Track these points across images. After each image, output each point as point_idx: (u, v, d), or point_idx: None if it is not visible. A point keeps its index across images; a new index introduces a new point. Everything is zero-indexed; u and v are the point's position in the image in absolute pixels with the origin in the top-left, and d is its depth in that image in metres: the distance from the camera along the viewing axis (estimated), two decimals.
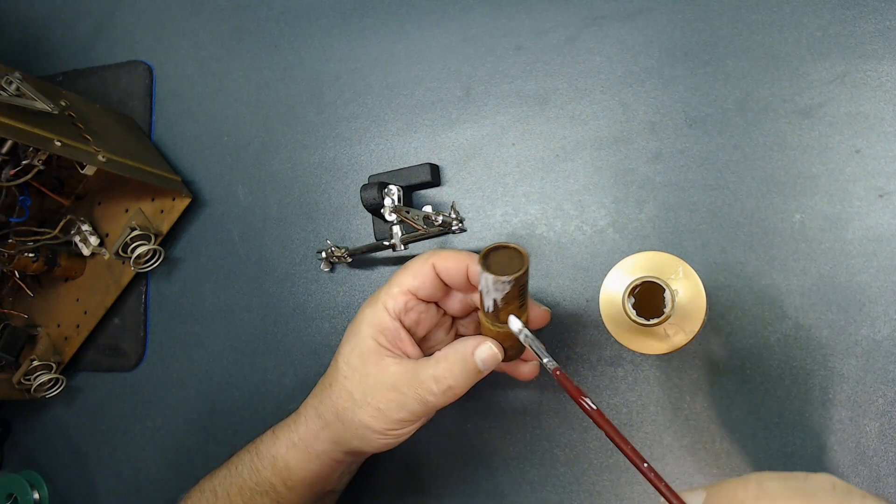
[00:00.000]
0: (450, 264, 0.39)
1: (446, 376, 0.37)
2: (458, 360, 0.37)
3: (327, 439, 0.41)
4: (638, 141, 0.49)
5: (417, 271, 0.39)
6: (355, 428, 0.40)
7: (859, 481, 0.42)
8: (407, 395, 0.38)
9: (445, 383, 0.37)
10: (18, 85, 0.49)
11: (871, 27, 0.46)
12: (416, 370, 0.38)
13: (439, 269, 0.39)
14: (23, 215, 0.56)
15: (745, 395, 0.45)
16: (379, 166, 0.56)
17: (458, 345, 0.38)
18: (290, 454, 0.42)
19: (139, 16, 0.66)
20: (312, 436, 0.42)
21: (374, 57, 0.57)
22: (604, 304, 0.47)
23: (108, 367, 0.61)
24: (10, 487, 0.61)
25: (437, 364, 0.38)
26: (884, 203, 0.44)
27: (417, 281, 0.39)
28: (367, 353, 0.39)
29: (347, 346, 0.40)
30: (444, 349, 0.38)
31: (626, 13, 0.51)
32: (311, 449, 0.42)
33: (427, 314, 0.41)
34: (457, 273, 0.39)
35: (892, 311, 0.43)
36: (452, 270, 0.39)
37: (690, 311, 0.44)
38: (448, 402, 0.38)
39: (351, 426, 0.40)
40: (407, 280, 0.39)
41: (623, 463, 0.47)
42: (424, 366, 0.38)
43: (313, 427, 0.42)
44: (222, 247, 0.59)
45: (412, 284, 0.39)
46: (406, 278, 0.39)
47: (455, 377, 0.37)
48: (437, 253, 0.39)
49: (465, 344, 0.38)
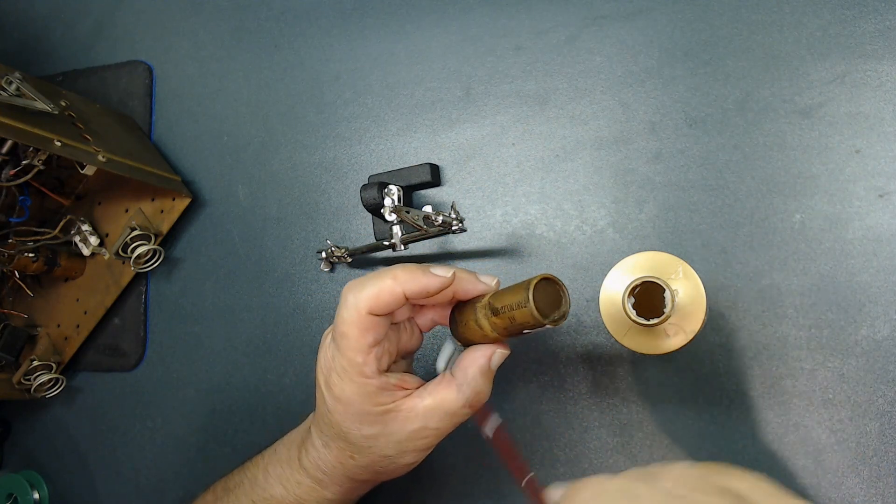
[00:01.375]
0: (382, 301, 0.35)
1: (481, 399, 0.37)
2: (483, 379, 0.37)
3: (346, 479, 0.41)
4: (638, 141, 0.49)
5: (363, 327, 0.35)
6: (389, 474, 0.40)
7: (859, 481, 0.42)
8: (435, 426, 0.37)
9: (478, 405, 0.37)
10: (18, 85, 0.49)
11: (871, 27, 0.46)
12: (444, 404, 0.37)
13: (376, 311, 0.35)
14: (23, 215, 0.56)
15: (745, 395, 0.45)
16: (379, 166, 0.56)
17: (472, 363, 0.37)
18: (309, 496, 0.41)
19: (139, 16, 0.66)
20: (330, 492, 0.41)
21: (374, 57, 0.57)
22: (604, 304, 0.47)
23: (108, 367, 0.61)
24: (10, 487, 0.61)
25: (465, 388, 0.37)
26: (884, 203, 0.44)
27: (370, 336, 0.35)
28: (376, 417, 0.37)
29: (350, 420, 0.37)
30: (460, 372, 0.37)
31: (626, 13, 0.51)
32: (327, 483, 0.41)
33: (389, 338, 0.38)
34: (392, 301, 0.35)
35: (892, 311, 0.43)
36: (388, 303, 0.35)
37: (690, 311, 0.44)
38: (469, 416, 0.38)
39: (385, 475, 0.40)
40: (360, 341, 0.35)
41: (623, 462, 0.47)
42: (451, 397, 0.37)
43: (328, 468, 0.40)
44: (222, 247, 0.59)
45: (368, 342, 0.35)
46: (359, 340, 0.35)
47: (484, 395, 0.38)
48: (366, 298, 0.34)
49: (477, 361, 0.37)
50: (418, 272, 0.35)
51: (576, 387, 0.48)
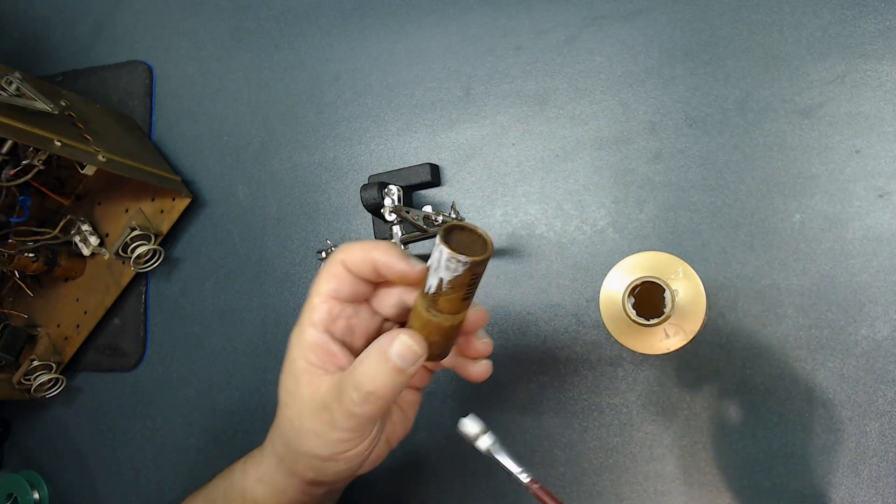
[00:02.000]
0: (356, 256, 0.35)
1: (364, 381, 0.33)
2: (375, 360, 0.33)
3: (286, 473, 0.38)
4: (638, 141, 0.49)
5: (330, 273, 0.36)
6: (304, 458, 0.36)
7: (859, 481, 0.42)
8: (335, 411, 0.34)
9: (365, 389, 0.33)
10: (18, 85, 0.49)
11: (871, 27, 0.46)
12: (340, 382, 0.34)
13: (349, 264, 0.35)
14: (23, 215, 0.56)
15: (745, 395, 0.45)
16: (379, 166, 0.56)
17: (376, 342, 0.34)
18: (258, 489, 0.40)
19: (139, 16, 0.66)
20: (273, 470, 0.39)
21: (374, 57, 0.57)
22: (604, 304, 0.47)
23: (108, 367, 0.61)
24: (10, 487, 0.61)
25: (355, 370, 0.33)
26: (884, 203, 0.44)
27: (332, 283, 0.35)
28: (298, 376, 0.36)
29: (283, 374, 0.37)
30: (365, 350, 0.34)
31: (626, 13, 0.51)
32: (275, 484, 0.39)
33: (358, 318, 0.37)
34: (364, 265, 0.35)
35: (892, 311, 0.43)
36: (360, 262, 0.35)
37: (690, 311, 0.44)
38: (379, 411, 0.34)
39: (300, 457, 0.37)
40: (321, 286, 0.36)
41: (623, 462, 0.47)
42: (346, 375, 0.34)
43: (273, 461, 0.39)
44: (222, 247, 0.59)
45: (328, 288, 0.35)
46: (321, 284, 0.36)
47: (374, 381, 0.33)
48: (344, 248, 0.35)
49: (381, 340, 0.34)
50: (394, 251, 0.35)
51: (576, 387, 0.48)
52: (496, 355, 0.50)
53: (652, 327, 0.44)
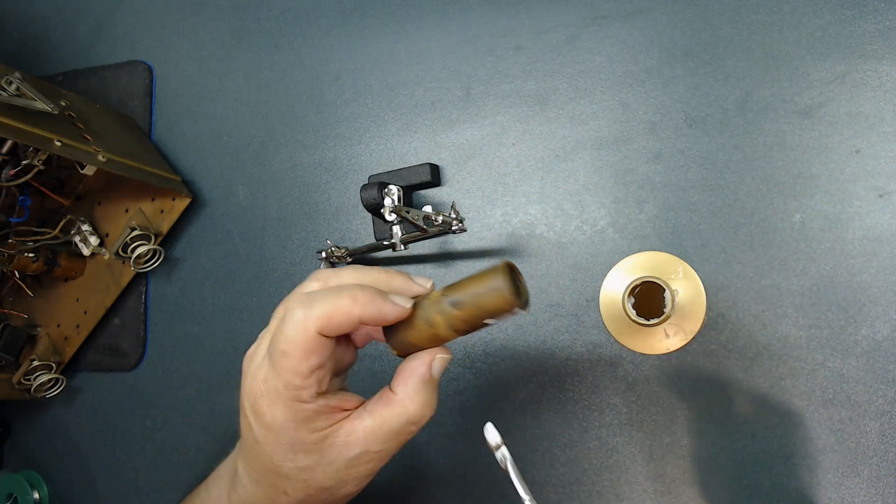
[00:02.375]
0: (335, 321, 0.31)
1: (425, 412, 0.33)
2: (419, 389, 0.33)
3: None
4: (638, 141, 0.49)
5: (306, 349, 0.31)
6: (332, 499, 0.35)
7: (859, 481, 0.42)
8: (377, 449, 0.33)
9: (426, 418, 0.33)
10: (18, 85, 0.49)
11: (871, 27, 0.46)
12: (374, 428, 0.33)
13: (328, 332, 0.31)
14: (23, 215, 0.56)
15: (745, 395, 0.45)
16: (379, 166, 0.56)
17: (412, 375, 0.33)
18: None
19: (139, 16, 0.66)
20: None
21: (374, 57, 0.57)
22: (604, 304, 0.47)
23: (108, 367, 0.61)
24: (10, 487, 0.61)
25: (406, 405, 0.33)
26: (884, 203, 0.44)
27: (314, 359, 0.31)
28: (312, 445, 0.33)
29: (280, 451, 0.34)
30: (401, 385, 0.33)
31: (626, 13, 0.51)
32: None
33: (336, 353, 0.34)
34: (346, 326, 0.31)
35: (892, 311, 0.43)
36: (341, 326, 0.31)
37: (690, 311, 0.44)
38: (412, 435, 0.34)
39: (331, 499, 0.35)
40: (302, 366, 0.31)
41: (623, 462, 0.47)
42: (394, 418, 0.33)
43: None
44: (222, 247, 0.59)
45: (309, 366, 0.31)
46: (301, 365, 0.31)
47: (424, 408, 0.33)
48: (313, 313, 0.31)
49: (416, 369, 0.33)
50: (378, 298, 0.31)
51: (576, 387, 0.48)
52: (497, 355, 0.51)
53: (652, 327, 0.44)
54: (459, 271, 0.52)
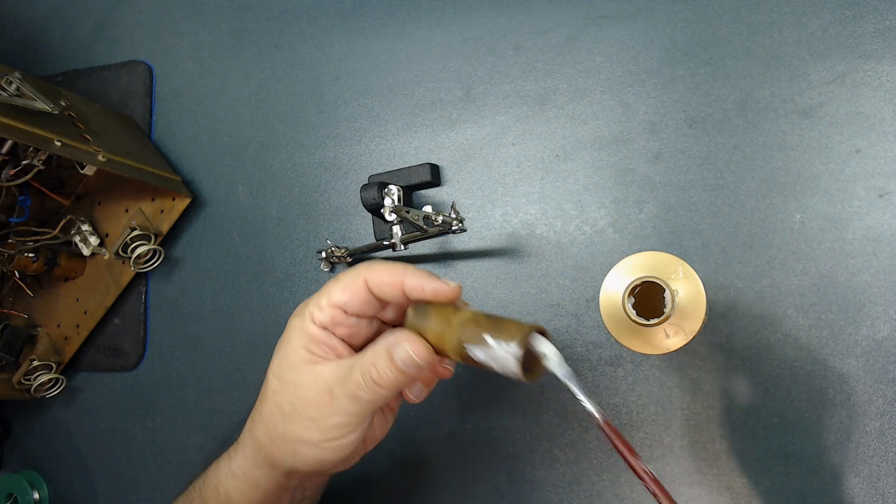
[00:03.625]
0: (384, 279, 0.36)
1: (369, 369, 0.35)
2: (383, 356, 0.35)
3: (263, 463, 0.38)
4: (638, 141, 0.49)
5: (348, 285, 0.36)
6: (286, 444, 0.37)
7: (859, 481, 0.42)
8: (339, 395, 0.35)
9: (370, 376, 0.34)
10: (18, 85, 0.49)
11: (871, 27, 0.46)
12: (349, 366, 0.35)
13: (372, 284, 0.36)
14: (23, 215, 0.56)
15: (744, 395, 0.45)
16: (379, 166, 0.56)
17: (385, 339, 0.35)
18: (231, 484, 0.40)
19: (139, 16, 0.66)
20: (250, 462, 0.39)
21: (374, 57, 0.57)
22: (604, 304, 0.47)
23: (108, 367, 0.61)
24: (10, 487, 0.61)
25: (364, 358, 0.35)
26: (884, 203, 0.44)
27: (347, 295, 0.36)
28: (297, 364, 0.37)
29: (276, 359, 0.38)
30: (375, 343, 0.36)
31: (626, 13, 0.51)
32: (249, 477, 0.39)
33: (359, 327, 0.38)
34: (390, 288, 0.36)
35: (892, 311, 0.43)
36: (386, 286, 0.36)
37: (690, 311, 0.44)
38: (380, 400, 0.35)
39: (282, 443, 0.37)
40: (336, 293, 0.36)
41: (623, 462, 0.47)
42: (354, 361, 0.36)
43: (249, 452, 0.39)
44: (222, 247, 0.59)
45: (341, 299, 0.36)
46: (335, 291, 0.37)
47: (378, 372, 0.34)
48: (370, 267, 0.36)
49: (390, 338, 0.35)
50: (426, 275, 0.36)
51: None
52: None
53: (652, 327, 0.44)
54: (459, 271, 0.52)
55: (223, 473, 0.40)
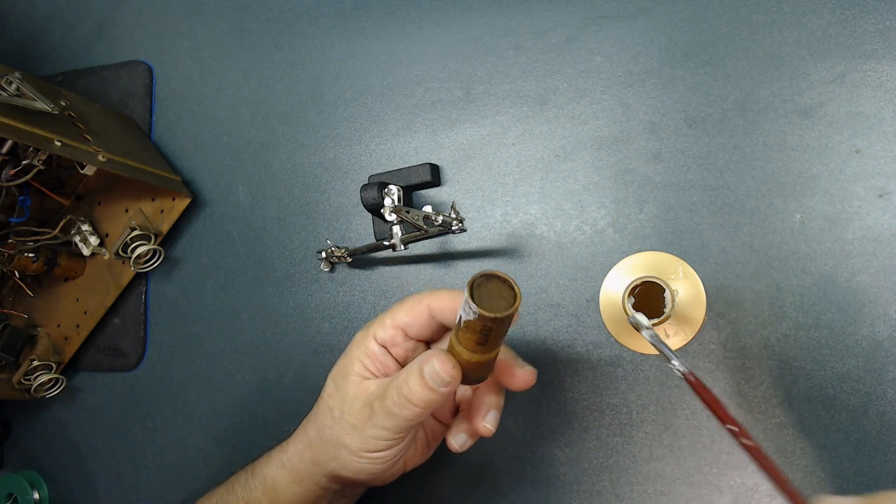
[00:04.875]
0: (445, 305, 0.38)
1: (402, 385, 0.36)
2: (415, 373, 0.36)
3: (310, 460, 0.41)
4: (638, 141, 0.49)
5: (412, 309, 0.39)
6: (332, 446, 0.39)
7: (859, 481, 0.42)
8: (377, 409, 0.37)
9: (402, 392, 0.36)
10: (18, 85, 0.49)
11: (871, 27, 0.46)
12: (388, 383, 0.37)
13: (434, 309, 0.38)
14: (23, 215, 0.56)
15: (744, 395, 0.45)
16: (379, 166, 0.56)
17: (418, 358, 0.37)
18: (279, 474, 0.42)
19: (139, 16, 0.66)
20: (298, 456, 0.41)
21: (374, 57, 0.57)
22: (604, 304, 0.47)
23: (108, 367, 0.61)
24: (10, 487, 0.61)
25: (399, 374, 0.37)
26: (884, 203, 0.44)
27: (409, 318, 0.39)
28: (351, 374, 0.39)
29: (337, 366, 0.41)
30: (410, 363, 0.37)
31: (626, 13, 0.51)
32: (296, 470, 0.41)
33: (415, 351, 0.40)
34: (452, 314, 0.38)
35: (892, 311, 0.43)
36: (447, 311, 0.38)
37: (690, 311, 0.44)
38: (415, 417, 0.36)
39: (329, 444, 0.39)
40: (400, 315, 0.39)
41: (623, 462, 0.47)
42: (392, 379, 0.37)
43: (300, 446, 0.41)
44: (222, 247, 0.59)
45: (403, 320, 0.39)
46: (400, 313, 0.39)
47: (410, 389, 0.36)
48: (434, 293, 0.39)
49: (421, 357, 0.37)
50: None
51: (576, 387, 0.48)
52: None
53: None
54: (459, 271, 0.52)
55: (274, 463, 0.42)
